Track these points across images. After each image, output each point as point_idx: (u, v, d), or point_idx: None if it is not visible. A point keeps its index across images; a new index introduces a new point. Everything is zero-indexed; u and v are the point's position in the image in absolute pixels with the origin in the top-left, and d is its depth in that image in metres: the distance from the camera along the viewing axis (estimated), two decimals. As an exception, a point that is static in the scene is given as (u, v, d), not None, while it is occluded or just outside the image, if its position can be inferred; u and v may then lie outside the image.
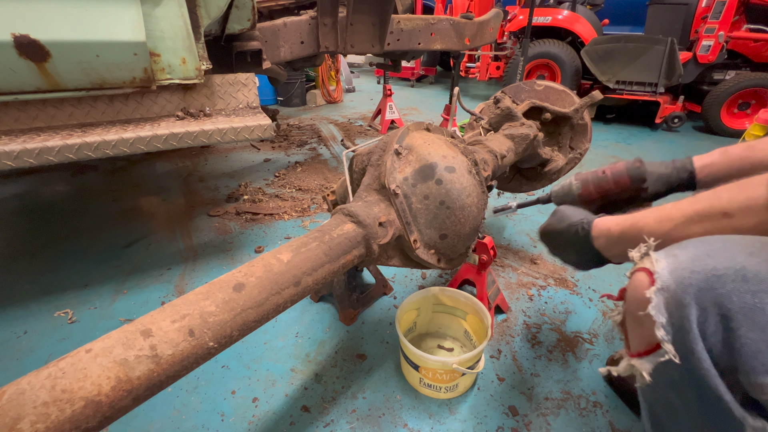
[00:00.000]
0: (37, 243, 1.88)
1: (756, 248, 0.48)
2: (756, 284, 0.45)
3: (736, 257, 0.48)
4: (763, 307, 0.44)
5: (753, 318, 0.44)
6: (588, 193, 1.03)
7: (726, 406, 0.47)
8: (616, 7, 6.02)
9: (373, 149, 1.00)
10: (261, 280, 0.67)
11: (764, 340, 0.44)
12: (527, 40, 3.74)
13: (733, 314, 0.46)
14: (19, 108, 1.17)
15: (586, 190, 1.03)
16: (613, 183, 0.99)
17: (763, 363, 0.44)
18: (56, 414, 0.44)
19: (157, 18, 1.18)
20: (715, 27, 3.69)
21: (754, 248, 0.48)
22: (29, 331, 1.34)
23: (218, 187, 2.55)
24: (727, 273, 0.47)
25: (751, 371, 0.45)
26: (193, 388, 1.13)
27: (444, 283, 1.61)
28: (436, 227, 0.93)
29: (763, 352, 0.44)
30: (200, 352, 0.57)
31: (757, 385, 0.45)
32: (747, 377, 0.45)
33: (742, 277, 0.46)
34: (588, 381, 1.16)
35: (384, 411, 1.07)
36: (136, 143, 1.20)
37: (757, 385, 0.45)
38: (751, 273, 0.46)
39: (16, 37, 1.01)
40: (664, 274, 0.51)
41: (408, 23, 2.19)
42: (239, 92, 1.49)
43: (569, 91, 1.59)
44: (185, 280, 1.61)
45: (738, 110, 3.92)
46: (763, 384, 0.44)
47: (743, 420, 0.46)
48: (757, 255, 0.47)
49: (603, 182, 1.00)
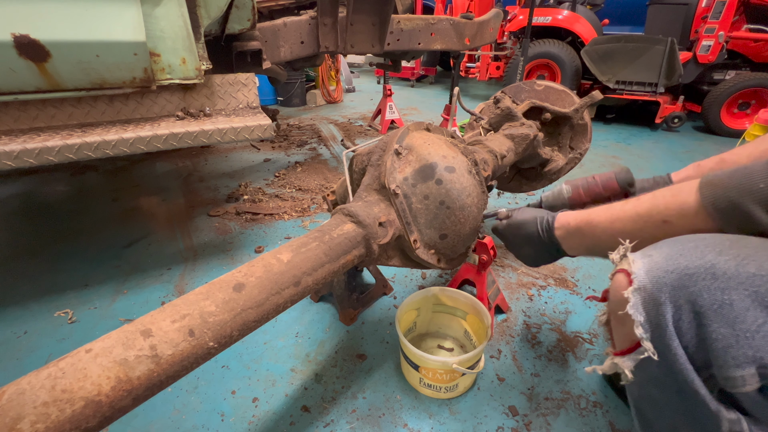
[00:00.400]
0: (37, 243, 1.88)
1: (725, 246, 0.50)
2: (725, 281, 0.47)
3: (706, 256, 0.49)
4: (731, 303, 0.46)
5: (723, 314, 0.46)
6: (578, 196, 1.07)
7: (702, 400, 0.49)
8: (616, 7, 6.02)
9: (373, 149, 1.00)
10: (261, 280, 0.67)
11: (734, 335, 0.46)
12: (527, 40, 3.74)
13: (705, 311, 0.47)
14: (19, 108, 1.17)
15: (576, 194, 1.07)
16: (602, 187, 1.04)
17: (734, 357, 0.45)
18: (56, 414, 0.44)
19: (157, 18, 1.18)
20: (715, 27, 3.69)
21: (723, 246, 0.50)
22: (29, 331, 1.34)
23: (218, 187, 2.55)
24: (698, 271, 0.49)
25: (723, 365, 0.46)
26: (193, 388, 1.13)
27: (444, 283, 1.61)
28: (436, 227, 0.93)
29: (733, 347, 0.46)
30: (200, 352, 0.57)
31: (729, 379, 0.46)
32: (720, 371, 0.47)
33: (712, 275, 0.48)
34: (588, 381, 1.16)
35: (384, 411, 1.07)
36: (136, 143, 1.20)
37: (729, 378, 0.46)
38: (720, 270, 0.47)
39: (16, 37, 1.01)
40: (640, 274, 0.53)
41: (408, 23, 2.19)
42: (239, 92, 1.49)
43: (569, 91, 1.59)
44: (185, 280, 1.61)
45: (738, 110, 3.92)
46: (734, 377, 0.46)
47: (718, 413, 0.48)
48: (725, 253, 0.49)
49: (593, 186, 1.05)
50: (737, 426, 0.47)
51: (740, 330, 0.45)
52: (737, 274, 0.46)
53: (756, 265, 0.46)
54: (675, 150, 3.55)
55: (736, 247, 0.49)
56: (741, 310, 0.45)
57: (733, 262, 0.47)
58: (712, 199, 0.56)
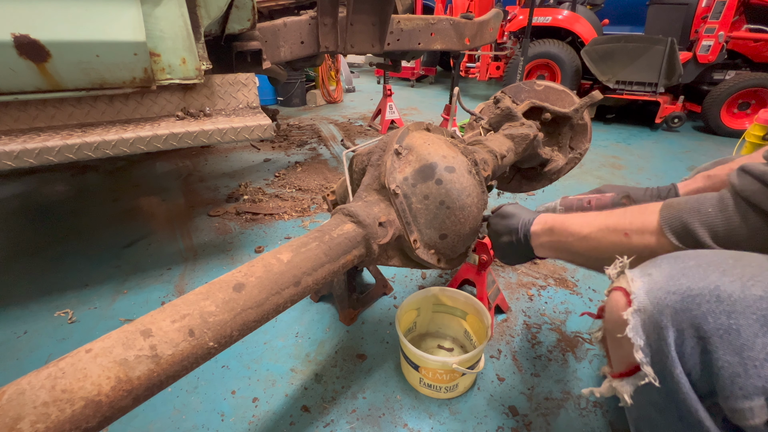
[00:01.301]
0: (37, 243, 1.88)
1: (728, 265, 0.48)
2: (730, 305, 0.44)
3: (709, 276, 0.47)
4: (738, 329, 0.43)
5: (729, 340, 0.44)
6: None
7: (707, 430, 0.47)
8: (616, 7, 6.02)
9: (373, 149, 1.00)
10: (261, 280, 0.67)
11: (741, 363, 0.43)
12: (527, 40, 3.74)
13: (710, 336, 0.45)
14: (19, 108, 1.16)
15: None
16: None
17: (741, 387, 0.43)
18: (56, 414, 0.44)
19: (157, 18, 1.18)
20: (715, 27, 3.69)
21: (727, 265, 0.48)
22: (29, 331, 1.34)
23: (218, 187, 2.55)
24: (702, 293, 0.46)
25: (730, 396, 0.44)
26: (193, 388, 1.13)
27: (444, 283, 1.61)
28: (436, 227, 0.93)
29: (740, 376, 0.43)
30: (200, 352, 0.57)
31: (736, 411, 0.44)
32: (726, 402, 0.44)
33: (717, 297, 0.45)
34: (588, 381, 1.16)
35: (384, 411, 1.07)
36: (136, 143, 1.20)
37: (736, 410, 0.43)
38: (725, 293, 0.45)
39: (16, 37, 1.01)
40: (640, 294, 0.51)
41: (408, 23, 2.19)
42: (239, 92, 1.49)
43: (569, 91, 1.59)
44: (185, 280, 1.61)
45: (738, 110, 3.92)
46: (742, 409, 0.43)
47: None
48: (729, 273, 0.47)
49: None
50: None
51: (748, 358, 0.42)
52: (743, 297, 0.44)
53: (763, 287, 0.44)
54: (675, 150, 3.55)
55: (740, 266, 0.47)
56: (749, 337, 0.43)
57: (738, 283, 0.45)
58: (669, 219, 0.60)
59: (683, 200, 0.61)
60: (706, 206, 0.57)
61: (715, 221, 0.56)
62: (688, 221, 0.58)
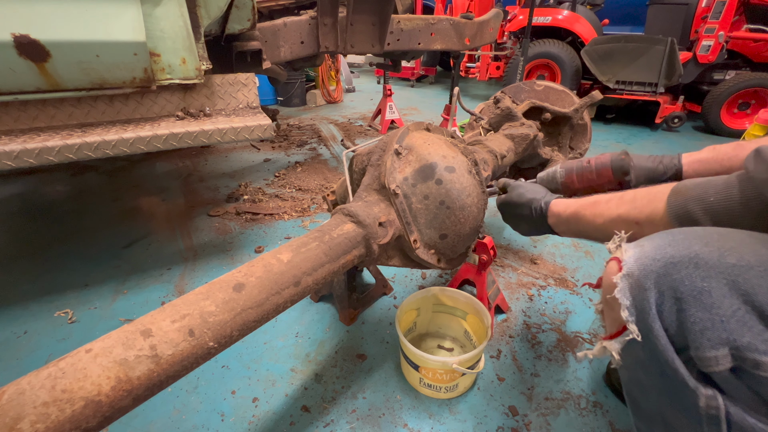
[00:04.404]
0: (37, 243, 1.88)
1: (712, 239, 0.53)
2: (705, 270, 0.51)
3: (692, 246, 0.53)
4: (709, 290, 0.50)
5: (701, 300, 0.50)
6: (571, 182, 1.06)
7: (681, 378, 0.52)
8: (616, 7, 6.02)
9: (373, 149, 1.00)
10: (261, 280, 0.67)
11: (710, 318, 0.49)
12: (527, 40, 3.74)
13: (685, 297, 0.51)
14: (19, 108, 1.16)
15: (569, 178, 1.06)
16: (596, 174, 1.02)
17: (709, 339, 0.49)
18: (56, 414, 0.44)
19: (157, 18, 1.18)
20: (715, 27, 3.69)
21: (710, 238, 0.53)
22: (29, 331, 1.34)
23: (218, 187, 2.55)
24: (683, 260, 0.52)
25: (699, 346, 0.50)
26: (193, 388, 1.13)
27: (444, 283, 1.61)
28: (436, 227, 0.93)
29: (709, 330, 0.49)
30: (200, 352, 0.57)
31: (704, 359, 0.50)
32: (696, 352, 0.50)
33: (695, 264, 0.51)
34: (588, 381, 1.16)
35: (384, 411, 1.07)
36: (136, 143, 1.20)
37: (705, 358, 0.50)
38: (703, 260, 0.51)
39: (16, 37, 1.01)
40: (630, 261, 0.57)
41: (408, 23, 2.19)
42: (239, 92, 1.49)
43: (569, 91, 1.59)
44: (185, 280, 1.61)
45: (738, 110, 3.92)
46: (709, 357, 0.49)
47: (696, 390, 0.51)
48: (710, 245, 0.52)
49: (586, 172, 1.03)
50: (713, 401, 0.50)
51: (716, 315, 0.49)
52: (718, 263, 0.50)
53: (737, 257, 0.50)
54: (675, 150, 3.54)
55: (722, 240, 0.53)
56: (718, 297, 0.49)
57: (716, 253, 0.51)
58: (675, 208, 0.63)
59: (691, 185, 0.63)
60: (710, 194, 0.60)
61: (718, 210, 0.59)
62: (693, 210, 0.61)
